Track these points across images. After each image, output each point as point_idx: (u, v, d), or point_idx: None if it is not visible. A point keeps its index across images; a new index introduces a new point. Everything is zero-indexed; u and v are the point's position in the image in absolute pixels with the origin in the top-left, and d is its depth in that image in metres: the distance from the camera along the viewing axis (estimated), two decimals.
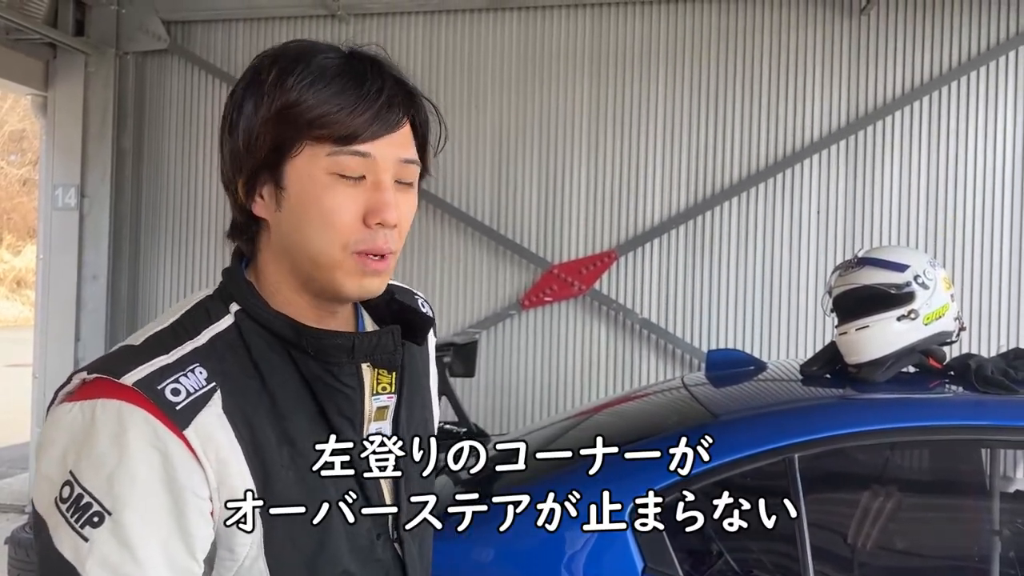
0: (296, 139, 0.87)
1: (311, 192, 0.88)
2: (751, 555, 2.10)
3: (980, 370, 2.10)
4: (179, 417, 0.83)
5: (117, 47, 5.44)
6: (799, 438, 1.91)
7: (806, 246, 4.92)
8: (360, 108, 0.87)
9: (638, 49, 5.08)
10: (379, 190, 0.89)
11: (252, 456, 0.86)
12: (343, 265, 0.89)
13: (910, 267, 2.23)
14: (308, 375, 0.91)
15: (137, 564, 0.81)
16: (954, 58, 4.80)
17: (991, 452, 2.23)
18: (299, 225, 0.89)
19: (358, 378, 0.94)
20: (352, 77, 0.88)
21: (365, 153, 0.88)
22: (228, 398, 0.86)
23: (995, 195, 4.77)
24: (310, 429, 0.91)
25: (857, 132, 4.86)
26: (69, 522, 0.81)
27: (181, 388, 0.84)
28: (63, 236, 5.43)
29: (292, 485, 0.88)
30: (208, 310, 0.93)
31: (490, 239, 5.18)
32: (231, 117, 0.91)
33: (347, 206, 0.88)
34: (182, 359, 0.86)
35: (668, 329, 5.02)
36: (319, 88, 0.87)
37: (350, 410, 0.93)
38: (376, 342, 0.93)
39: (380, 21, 5.32)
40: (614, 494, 1.97)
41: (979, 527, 2.26)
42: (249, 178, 0.90)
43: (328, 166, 0.87)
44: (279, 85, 0.87)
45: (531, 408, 5.15)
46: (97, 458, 0.81)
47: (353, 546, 0.93)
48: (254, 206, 0.91)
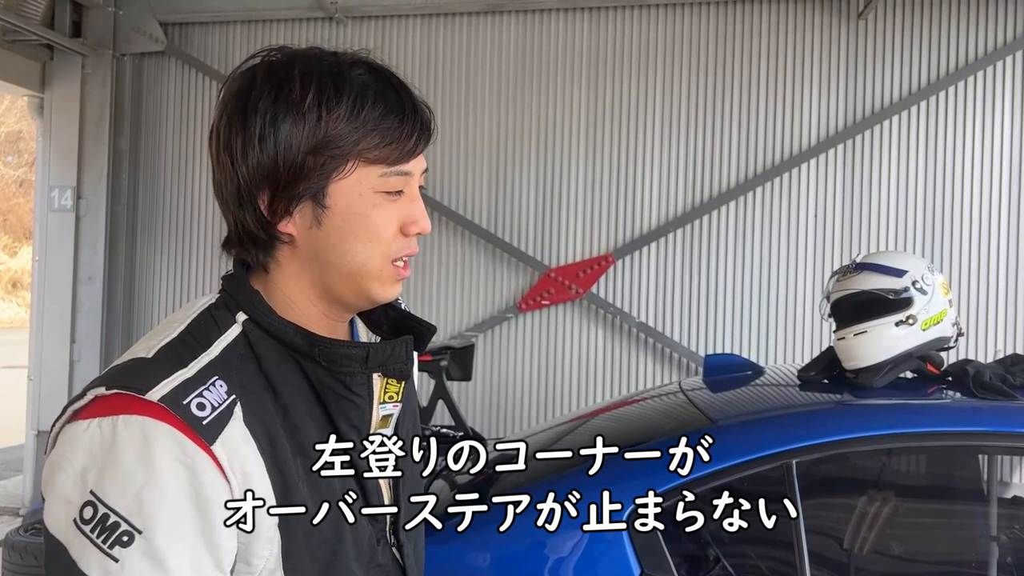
0: (346, 163, 0.89)
1: (359, 210, 0.90)
2: (748, 560, 2.10)
3: (978, 376, 2.09)
4: (206, 432, 0.82)
5: (114, 48, 5.43)
6: (797, 444, 1.90)
7: (803, 250, 4.92)
8: (407, 133, 0.91)
9: (636, 52, 5.08)
10: (414, 201, 0.93)
11: (272, 468, 0.86)
12: (382, 274, 0.92)
13: (908, 272, 2.23)
14: (318, 385, 0.92)
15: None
16: (951, 63, 4.80)
17: (989, 458, 2.23)
18: (343, 240, 0.91)
19: (368, 387, 0.94)
20: (390, 99, 0.91)
21: (408, 172, 0.92)
22: (248, 411, 0.86)
23: (992, 200, 4.78)
24: (319, 439, 0.90)
25: (855, 136, 4.87)
26: (95, 543, 0.79)
27: (206, 403, 0.84)
28: (59, 237, 5.41)
29: (307, 496, 0.88)
30: (215, 319, 0.92)
31: (487, 242, 5.17)
32: (260, 130, 0.88)
33: (392, 220, 0.92)
34: (201, 373, 0.86)
35: (665, 333, 5.02)
36: (366, 114, 0.89)
37: (359, 419, 0.93)
38: (390, 352, 0.94)
39: (377, 23, 5.32)
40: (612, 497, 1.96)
41: (976, 533, 2.26)
42: (285, 197, 0.89)
43: (377, 186, 0.90)
44: (326, 110, 0.87)
45: (528, 412, 5.14)
46: (122, 476, 0.80)
47: (358, 552, 0.94)
48: (283, 223, 0.91)
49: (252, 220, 0.91)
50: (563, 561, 1.90)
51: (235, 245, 0.96)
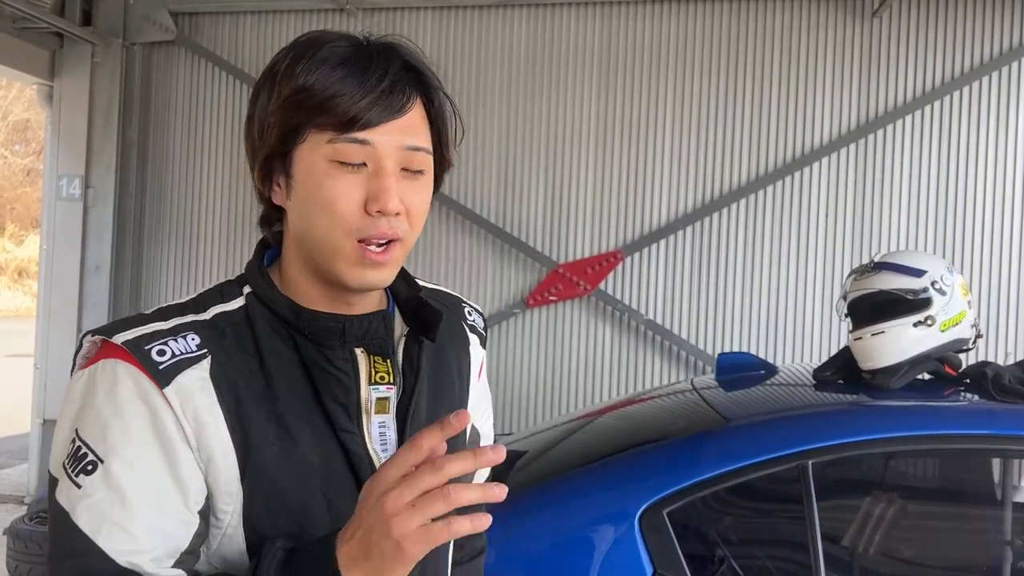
0: (302, 126, 0.87)
1: (314, 179, 0.87)
2: (761, 561, 2.07)
3: (997, 378, 2.07)
4: (160, 375, 0.85)
5: (124, 38, 5.41)
6: (813, 444, 1.88)
7: (813, 249, 4.89)
8: (360, 93, 0.86)
9: (648, 49, 5.05)
10: (379, 177, 0.87)
11: (235, 425, 0.87)
12: (344, 252, 0.89)
13: (927, 272, 2.20)
14: (307, 360, 0.92)
15: (125, 509, 0.83)
16: (966, 63, 4.76)
17: (1006, 462, 2.20)
18: (305, 212, 0.89)
19: (352, 364, 0.93)
20: (357, 63, 0.88)
21: (364, 140, 0.87)
22: (218, 367, 0.88)
23: (1006, 201, 4.74)
24: (303, 413, 0.91)
25: (867, 136, 4.83)
26: (68, 473, 0.84)
27: (167, 350, 0.87)
28: (67, 227, 5.41)
29: (274, 461, 0.88)
30: (223, 291, 0.95)
31: (496, 237, 5.15)
32: (250, 110, 0.93)
33: (347, 193, 0.87)
34: (177, 327, 0.90)
35: (673, 331, 4.99)
36: (324, 74, 0.86)
37: (344, 396, 0.92)
38: (367, 326, 0.94)
39: (388, 15, 5.29)
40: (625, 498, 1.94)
41: (992, 537, 2.23)
42: (264, 167, 0.91)
43: (328, 153, 0.87)
44: (289, 73, 0.88)
45: (534, 407, 5.12)
46: (95, 412, 0.85)
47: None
48: (272, 195, 0.93)
49: (257, 195, 0.95)
50: (576, 561, 1.88)
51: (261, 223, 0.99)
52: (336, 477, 0.91)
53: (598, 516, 1.92)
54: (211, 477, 0.86)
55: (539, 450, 2.46)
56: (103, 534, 0.82)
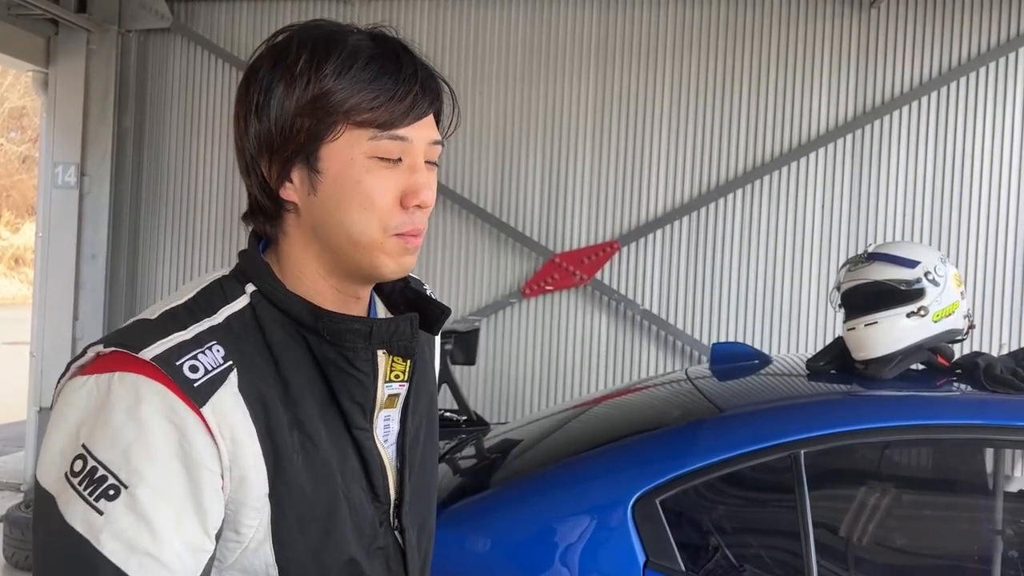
0: (336, 124, 0.87)
1: (351, 175, 0.88)
2: (755, 551, 2.09)
3: (989, 369, 2.07)
4: (197, 394, 0.82)
5: (119, 24, 5.38)
6: (805, 434, 1.88)
7: (810, 240, 4.90)
8: (400, 94, 0.88)
9: (645, 38, 5.04)
10: (415, 172, 0.90)
11: (265, 438, 0.86)
12: (384, 246, 0.90)
13: (921, 263, 2.21)
14: (322, 360, 0.91)
15: (154, 538, 0.79)
16: (963, 53, 4.76)
17: (998, 451, 2.21)
18: (338, 208, 0.89)
19: (373, 364, 0.93)
20: (387, 62, 0.89)
21: (404, 137, 0.89)
22: (244, 378, 0.86)
23: (1002, 191, 4.74)
24: (320, 414, 0.90)
25: (864, 126, 4.83)
26: (82, 495, 0.79)
27: (199, 365, 0.83)
28: (62, 214, 5.39)
29: (301, 470, 0.88)
30: (224, 289, 0.92)
31: (492, 227, 5.15)
32: (256, 99, 0.89)
33: (387, 188, 0.89)
34: (199, 336, 0.86)
35: (669, 321, 5.00)
36: (356, 73, 0.87)
37: (362, 396, 0.93)
38: (394, 329, 0.93)
39: (385, 4, 5.27)
40: (618, 487, 1.95)
41: (984, 526, 2.25)
42: (282, 163, 0.89)
43: (369, 150, 0.88)
44: (314, 70, 0.87)
45: (531, 397, 5.13)
46: (113, 431, 0.80)
47: (359, 534, 0.93)
48: (283, 190, 0.91)
49: (258, 188, 0.92)
50: (568, 549, 1.89)
51: (251, 217, 0.96)
52: (350, 474, 0.93)
53: (592, 504, 1.93)
54: (240, 495, 0.85)
55: (535, 439, 2.47)
56: (134, 565, 0.78)
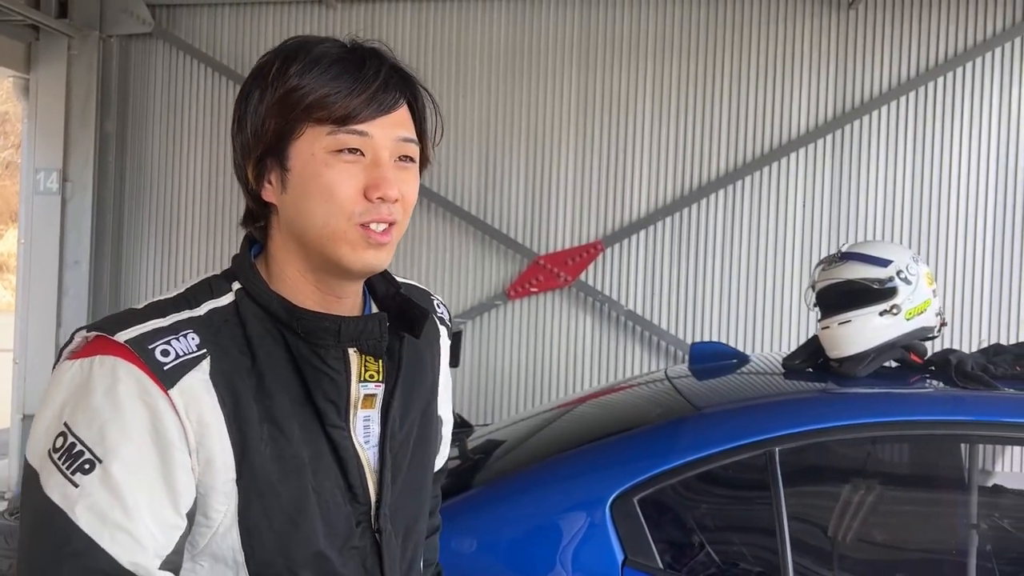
0: (298, 122, 0.92)
1: (313, 169, 0.92)
2: (731, 547, 2.11)
3: (960, 365, 2.11)
4: (166, 376, 0.87)
5: (101, 30, 5.36)
6: (780, 431, 1.91)
7: (791, 239, 4.94)
8: (357, 90, 0.92)
9: (626, 41, 5.07)
10: (378, 166, 0.93)
11: (232, 425, 0.89)
12: (347, 236, 0.93)
13: (893, 262, 2.24)
14: (298, 356, 0.94)
15: (125, 511, 0.84)
16: (940, 54, 4.81)
17: (970, 447, 2.25)
18: (303, 201, 0.93)
19: (344, 362, 0.96)
20: (350, 63, 0.94)
21: (363, 132, 0.92)
22: (216, 366, 0.90)
23: (978, 191, 4.80)
24: (293, 410, 0.94)
25: (843, 126, 4.88)
26: (60, 469, 0.84)
27: (171, 350, 0.89)
28: (45, 221, 5.37)
29: (268, 461, 0.91)
30: (212, 286, 0.97)
31: (476, 229, 5.17)
32: (240, 110, 0.96)
33: (347, 180, 0.92)
34: (176, 324, 0.91)
35: (653, 321, 5.03)
36: (318, 74, 0.92)
37: (335, 394, 0.96)
38: (362, 327, 0.96)
39: (367, 7, 5.28)
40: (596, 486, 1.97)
41: (957, 521, 2.28)
42: (257, 164, 0.95)
43: (328, 144, 0.92)
44: (281, 74, 0.93)
45: (516, 398, 5.15)
46: (91, 409, 0.86)
47: (330, 531, 0.95)
48: (263, 192, 0.96)
49: (245, 193, 0.98)
50: (549, 547, 1.91)
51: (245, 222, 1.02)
52: (324, 471, 0.95)
53: (571, 503, 1.95)
54: (208, 478, 0.89)
55: (518, 439, 2.49)
56: (106, 537, 0.83)
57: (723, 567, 2.01)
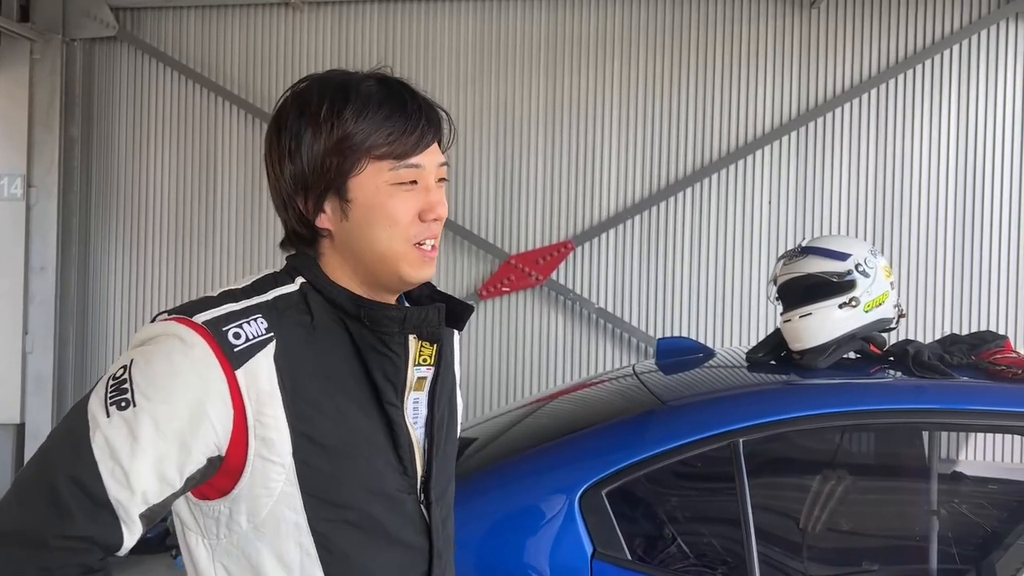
0: (359, 161, 1.05)
1: (376, 201, 1.05)
2: (698, 537, 2.15)
3: (917, 355, 2.16)
4: (236, 358, 0.99)
5: (64, 34, 5.30)
6: (744, 423, 1.95)
7: (757, 235, 5.01)
8: (409, 129, 1.06)
9: (593, 41, 5.11)
10: (429, 192, 1.08)
11: (290, 402, 1.01)
12: (407, 256, 1.07)
13: (852, 256, 2.28)
14: (360, 343, 1.07)
15: (132, 455, 0.95)
16: (901, 51, 4.91)
17: (929, 435, 2.30)
18: (367, 229, 1.06)
19: (404, 347, 1.09)
20: (395, 102, 1.06)
21: (418, 165, 1.07)
22: (280, 348, 1.02)
23: (939, 185, 4.90)
24: (354, 388, 1.06)
25: (807, 123, 4.95)
26: (107, 394, 0.97)
27: (242, 333, 1.00)
28: (9, 227, 5.29)
29: (329, 433, 1.03)
30: (276, 279, 1.09)
31: (447, 229, 5.17)
32: (288, 145, 1.06)
33: (407, 208, 1.06)
34: (247, 308, 1.03)
35: (623, 318, 5.08)
36: (372, 115, 1.04)
37: (394, 375, 1.08)
38: (424, 316, 1.09)
39: (334, 9, 5.27)
40: (565, 480, 2.00)
41: (918, 507, 2.33)
42: (316, 197, 1.06)
43: (390, 178, 1.05)
44: (336, 116, 1.04)
45: (489, 397, 5.17)
46: (155, 362, 0.98)
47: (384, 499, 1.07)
48: (318, 220, 1.08)
49: (294, 219, 1.09)
50: (520, 542, 1.94)
51: (288, 244, 1.13)
52: (378, 446, 1.07)
53: (541, 498, 1.98)
54: (266, 451, 1.00)
55: (489, 436, 2.51)
56: (107, 468, 0.94)
57: (690, 557, 2.04)
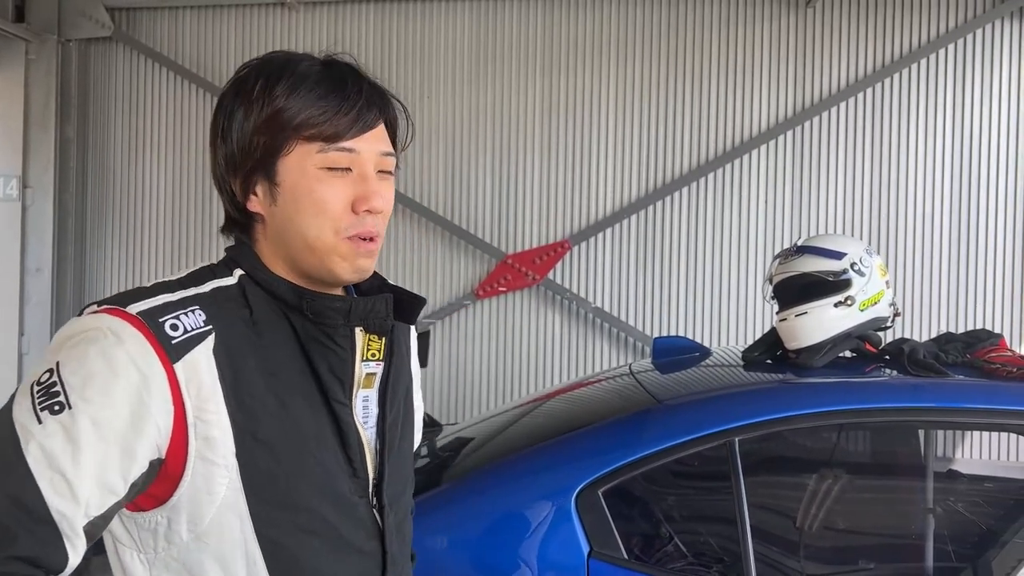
0: (287, 140, 0.97)
1: (304, 185, 0.97)
2: (695, 537, 2.16)
3: (912, 354, 2.16)
4: (174, 350, 0.91)
5: (59, 34, 5.30)
6: (739, 422, 1.95)
7: (754, 235, 5.01)
8: (344, 109, 0.98)
9: (589, 41, 5.11)
10: (365, 181, 0.99)
11: (232, 398, 0.93)
12: (337, 249, 0.99)
13: (847, 255, 2.29)
14: (303, 336, 0.99)
15: (74, 463, 0.85)
16: (895, 51, 4.92)
17: (925, 433, 2.31)
18: (294, 215, 0.98)
19: (351, 341, 1.01)
20: (333, 81, 0.99)
21: (351, 149, 0.98)
22: (220, 343, 0.94)
23: (935, 184, 4.91)
24: (300, 384, 0.99)
25: (803, 123, 4.96)
26: (34, 401, 0.87)
27: (180, 324, 0.93)
28: (5, 228, 5.29)
29: (271, 433, 0.95)
30: (214, 271, 1.02)
31: (444, 229, 5.18)
32: (222, 124, 1.01)
33: (337, 195, 0.98)
34: (184, 299, 0.96)
35: (620, 317, 5.08)
36: (304, 93, 0.97)
37: (341, 370, 1.01)
38: (371, 307, 1.02)
39: (330, 10, 5.27)
40: (561, 480, 2.00)
41: (914, 506, 2.34)
42: (244, 178, 1.00)
43: (318, 161, 0.97)
44: (267, 93, 0.97)
45: (485, 397, 5.17)
46: (86, 359, 0.88)
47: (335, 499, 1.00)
48: (249, 203, 1.01)
49: (228, 202, 1.03)
50: (517, 542, 1.94)
51: (227, 229, 1.07)
52: (325, 445, 1.00)
53: (537, 497, 1.98)
54: (208, 453, 0.92)
55: (486, 436, 2.51)
56: (46, 479, 0.84)
57: (687, 556, 2.05)
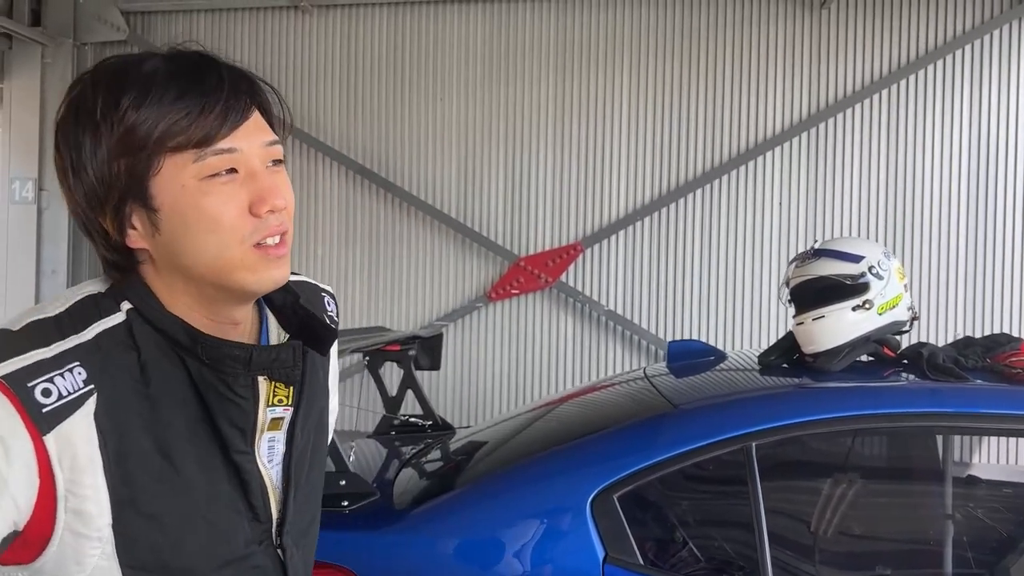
0: (152, 158, 0.83)
1: (186, 202, 0.84)
2: (711, 542, 2.14)
3: (932, 358, 2.13)
4: (44, 420, 0.79)
5: (74, 38, 5.34)
6: (756, 427, 1.93)
7: (768, 237, 4.98)
8: (208, 106, 0.83)
9: (603, 43, 5.10)
10: (255, 179, 0.86)
11: (112, 468, 0.83)
12: (244, 262, 0.86)
13: (865, 258, 2.27)
14: (200, 382, 0.88)
15: None
16: (912, 52, 4.88)
17: (944, 438, 2.28)
18: (185, 239, 0.85)
19: (253, 390, 0.90)
20: (186, 77, 0.84)
21: (230, 148, 0.85)
22: (103, 403, 0.82)
23: (950, 186, 4.86)
24: (190, 437, 0.88)
25: (818, 124, 4.93)
26: None
27: (53, 389, 0.80)
28: (21, 230, 5.33)
29: (158, 497, 0.86)
30: (99, 305, 0.88)
31: (456, 232, 5.18)
32: (70, 159, 0.85)
33: (228, 203, 0.85)
34: (62, 355, 0.82)
35: (633, 320, 5.06)
36: (156, 99, 0.83)
37: (242, 421, 0.90)
38: (275, 356, 0.90)
39: (344, 12, 5.28)
40: (576, 484, 1.99)
41: (932, 512, 2.31)
42: (115, 212, 0.85)
43: (196, 172, 0.84)
44: (112, 109, 0.83)
45: (497, 400, 5.16)
46: None
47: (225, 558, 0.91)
48: (128, 240, 0.87)
49: (103, 245, 0.88)
50: (531, 546, 1.92)
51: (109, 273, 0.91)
52: (221, 496, 0.90)
53: (552, 502, 1.97)
54: (79, 526, 0.82)
55: (499, 440, 2.50)
56: None
57: (702, 562, 2.03)
